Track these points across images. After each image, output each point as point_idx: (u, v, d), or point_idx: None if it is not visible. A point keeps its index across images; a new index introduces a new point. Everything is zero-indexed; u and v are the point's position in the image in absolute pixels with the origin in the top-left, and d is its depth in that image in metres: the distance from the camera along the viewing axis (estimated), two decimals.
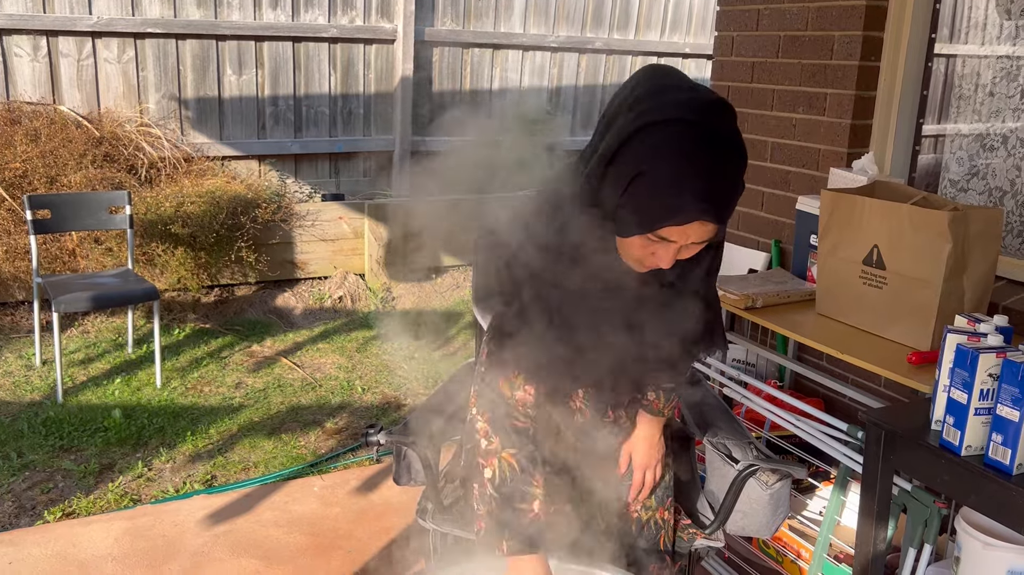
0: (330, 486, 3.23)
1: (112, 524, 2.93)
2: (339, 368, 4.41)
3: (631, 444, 1.77)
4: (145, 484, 3.26)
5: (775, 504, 2.03)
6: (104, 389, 3.98)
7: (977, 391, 1.66)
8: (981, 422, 1.68)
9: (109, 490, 3.17)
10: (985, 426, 1.67)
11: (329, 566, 2.74)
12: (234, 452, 3.50)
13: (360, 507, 3.10)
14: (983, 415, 1.67)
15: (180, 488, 3.23)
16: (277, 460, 3.44)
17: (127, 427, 3.62)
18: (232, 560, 2.75)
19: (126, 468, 3.34)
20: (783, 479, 2.04)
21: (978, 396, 1.67)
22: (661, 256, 1.35)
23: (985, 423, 1.67)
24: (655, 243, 1.33)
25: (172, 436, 3.59)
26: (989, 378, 1.66)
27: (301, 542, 2.87)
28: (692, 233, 1.30)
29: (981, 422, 1.68)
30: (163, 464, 3.40)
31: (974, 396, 1.67)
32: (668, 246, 1.33)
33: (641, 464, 1.77)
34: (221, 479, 3.31)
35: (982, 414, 1.67)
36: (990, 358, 1.66)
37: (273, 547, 2.84)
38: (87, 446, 3.48)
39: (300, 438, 3.63)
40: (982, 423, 1.68)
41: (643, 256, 1.38)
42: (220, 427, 3.70)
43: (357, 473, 3.34)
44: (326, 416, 3.86)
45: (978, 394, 1.67)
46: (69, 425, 3.62)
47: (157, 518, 2.98)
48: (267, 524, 2.97)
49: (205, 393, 4.03)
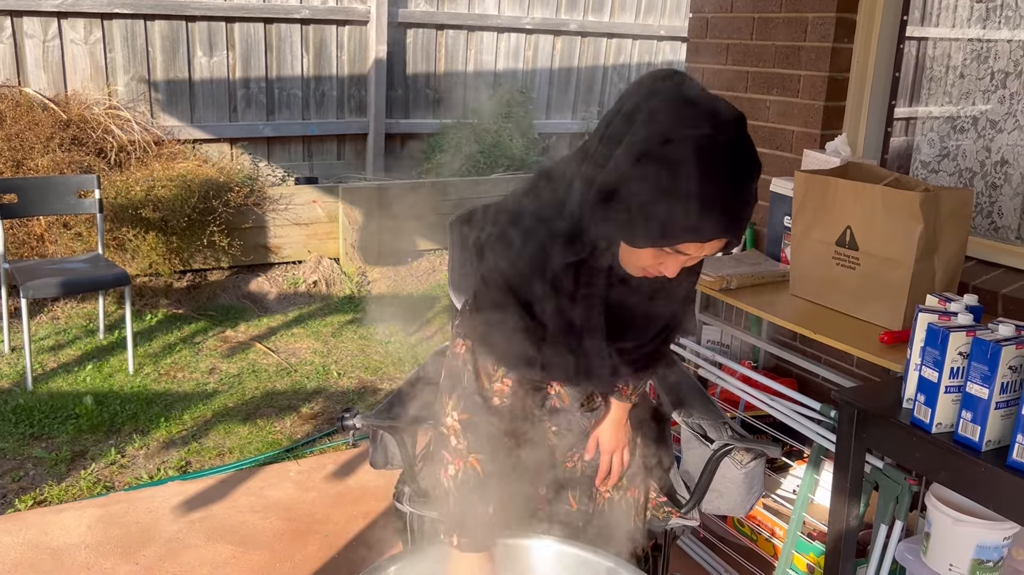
0: (306, 471, 3.22)
1: (85, 511, 2.90)
2: (314, 353, 4.39)
3: (598, 429, 1.78)
4: (118, 471, 3.22)
5: (749, 483, 2.05)
6: (75, 376, 3.93)
7: (948, 369, 1.68)
8: (951, 400, 1.70)
9: (81, 477, 3.14)
10: (955, 404, 1.69)
11: (306, 550, 2.74)
12: (209, 438, 3.47)
13: (337, 491, 3.09)
14: (953, 393, 1.69)
15: (154, 475, 3.20)
16: (252, 446, 3.42)
17: (99, 414, 3.58)
18: (208, 546, 2.74)
19: (99, 455, 3.31)
20: (757, 458, 2.06)
21: (948, 374, 1.69)
22: (669, 266, 1.33)
23: (955, 401, 1.69)
24: (667, 255, 1.31)
25: (145, 422, 3.56)
26: (959, 356, 1.68)
27: (277, 527, 2.86)
28: (709, 247, 1.29)
29: (951, 400, 1.70)
30: (136, 451, 3.36)
31: (944, 374, 1.69)
32: (679, 258, 1.31)
33: (608, 449, 1.77)
34: (196, 465, 3.28)
35: (952, 392, 1.69)
36: (960, 337, 1.68)
37: (249, 532, 2.82)
38: (58, 433, 3.44)
39: (275, 423, 3.61)
40: (952, 401, 1.70)
41: (650, 266, 1.35)
42: (194, 413, 3.67)
43: (333, 457, 3.33)
44: (301, 401, 3.84)
45: (948, 372, 1.69)
46: (40, 412, 3.57)
47: (131, 505, 2.95)
48: (243, 509, 2.95)
49: (178, 379, 3.99)
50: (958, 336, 1.68)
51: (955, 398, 1.69)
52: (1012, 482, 1.56)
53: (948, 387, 1.69)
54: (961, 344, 1.68)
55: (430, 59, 6.65)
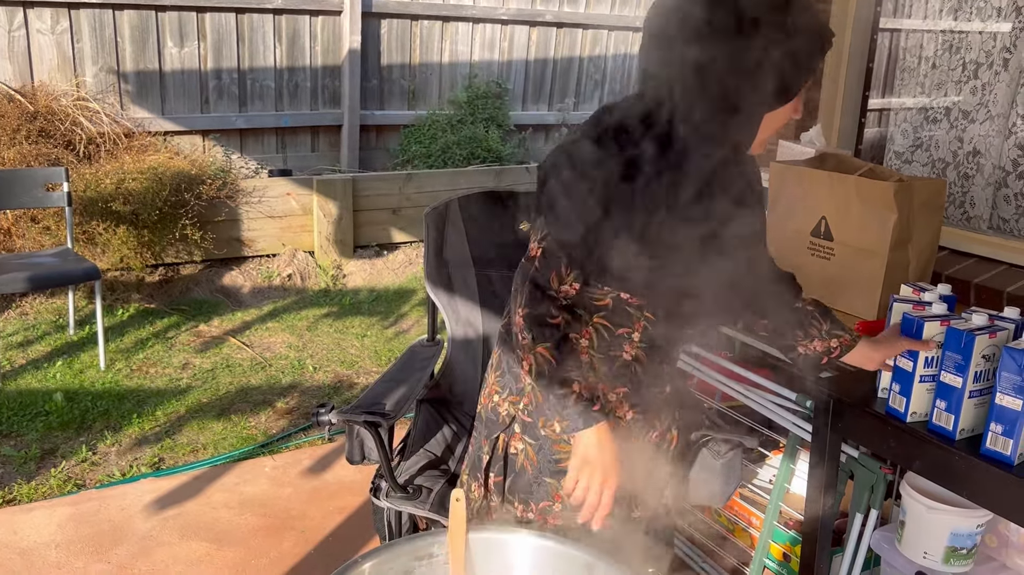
0: (282, 466, 3.19)
1: (55, 510, 2.85)
2: (289, 347, 4.35)
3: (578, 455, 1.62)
4: (90, 469, 3.18)
5: (727, 473, 2.06)
6: (45, 372, 3.87)
7: (922, 359, 1.69)
8: (926, 389, 1.71)
9: (51, 475, 3.09)
10: (930, 393, 1.70)
11: (282, 547, 2.71)
12: (182, 434, 3.43)
13: (313, 487, 3.07)
14: (928, 382, 1.70)
15: (126, 472, 3.16)
16: (227, 441, 3.38)
17: (70, 411, 3.53)
18: (182, 543, 2.71)
19: (69, 453, 3.26)
20: (735, 448, 2.07)
21: (923, 363, 1.69)
22: (798, 107, 1.57)
23: (930, 390, 1.70)
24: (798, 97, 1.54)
25: (117, 419, 3.51)
26: None
27: (253, 523, 2.83)
28: None
29: (926, 389, 1.71)
30: (108, 448, 3.32)
31: (919, 364, 1.70)
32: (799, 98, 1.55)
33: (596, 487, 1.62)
34: (169, 462, 3.24)
35: (927, 381, 1.70)
36: (934, 326, 1.69)
37: (224, 529, 2.79)
38: (27, 431, 3.38)
39: (250, 419, 3.58)
40: (927, 390, 1.71)
41: (783, 123, 1.57)
42: (167, 409, 3.62)
43: (309, 452, 3.30)
44: (276, 396, 3.81)
45: (923, 362, 1.69)
46: (8, 410, 3.51)
47: (102, 503, 2.91)
48: (217, 506, 2.92)
49: (151, 374, 3.94)
50: (932, 326, 1.69)
51: (929, 387, 1.70)
52: (985, 470, 1.57)
53: (923, 376, 1.70)
54: (935, 333, 1.68)
55: (405, 50, 6.60)
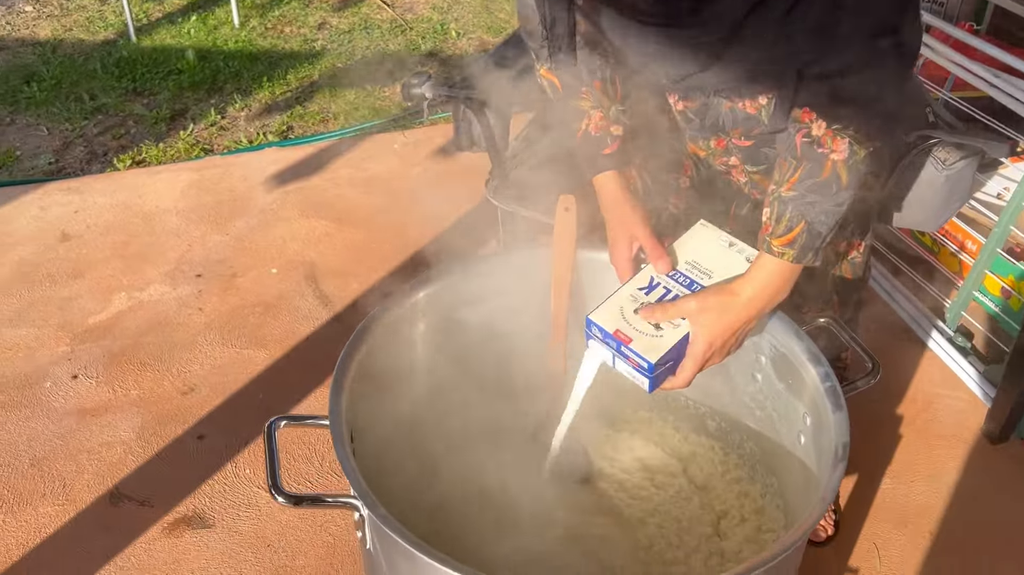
0: (412, 144, 2.88)
1: (180, 175, 2.71)
2: (433, 8, 3.86)
3: (698, 305, 1.11)
4: (218, 133, 3.00)
5: (951, 189, 1.51)
6: (179, 28, 3.62)
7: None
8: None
9: (180, 138, 2.94)
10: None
11: (407, 233, 2.46)
12: (313, 101, 3.16)
13: (442, 169, 2.75)
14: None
15: (253, 139, 2.95)
16: (358, 112, 3.08)
17: (201, 70, 3.30)
18: (301, 220, 2.51)
19: (199, 115, 3.07)
20: (968, 157, 1.50)
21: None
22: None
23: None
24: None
25: (248, 81, 3.26)
26: None
27: (378, 204, 2.59)
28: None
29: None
30: (238, 112, 3.11)
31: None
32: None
33: (696, 354, 1.11)
34: (297, 131, 3.00)
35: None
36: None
37: (346, 207, 2.57)
38: (160, 90, 3.21)
39: (384, 88, 3.23)
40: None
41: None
42: (299, 73, 3.33)
43: (443, 130, 2.94)
44: (415, 63, 3.41)
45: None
46: (142, 66, 3.33)
47: (226, 170, 2.74)
48: (341, 183, 2.68)
49: (285, 34, 3.61)
50: None
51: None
52: None
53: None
54: None
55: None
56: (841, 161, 1.01)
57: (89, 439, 1.84)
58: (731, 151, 1.31)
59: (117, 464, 1.79)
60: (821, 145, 1.02)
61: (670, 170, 1.34)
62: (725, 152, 1.32)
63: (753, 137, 1.26)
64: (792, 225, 1.05)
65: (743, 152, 1.30)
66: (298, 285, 2.27)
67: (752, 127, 1.21)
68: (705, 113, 1.22)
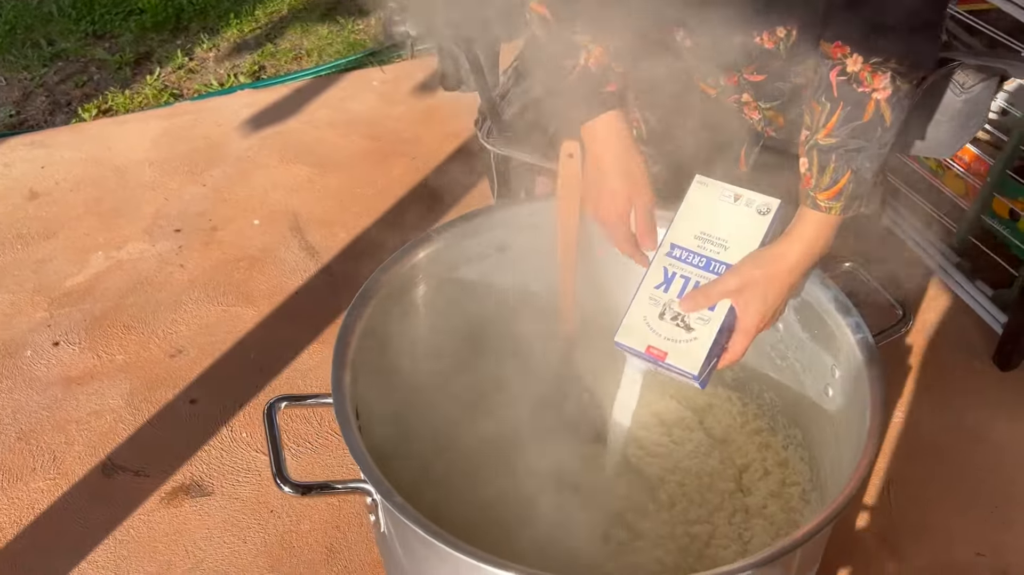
0: (392, 80, 2.75)
1: (149, 123, 2.59)
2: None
3: (740, 280, 1.03)
4: (186, 77, 2.85)
5: (968, 114, 1.44)
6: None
7: None
8: None
9: (147, 83, 2.80)
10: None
11: (390, 175, 2.37)
12: (284, 38, 3.01)
13: (427, 106, 2.63)
14: None
15: (224, 81, 2.81)
16: (332, 47, 2.94)
17: (164, 8, 3.13)
18: (281, 166, 2.41)
19: (165, 58, 2.92)
20: (987, 80, 1.42)
21: None
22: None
23: None
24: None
25: (215, 19, 3.10)
26: None
27: (359, 146, 2.48)
28: None
29: None
30: (205, 53, 2.96)
31: None
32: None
33: (747, 328, 1.05)
34: (270, 71, 2.87)
35: None
36: None
37: (327, 151, 2.46)
38: (121, 31, 3.05)
39: (359, 21, 3.08)
40: None
41: None
42: (268, 7, 3.17)
43: (424, 64, 2.81)
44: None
45: None
46: (100, 6, 3.15)
47: (198, 116, 2.61)
48: (320, 125, 2.57)
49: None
50: None
51: None
52: None
53: None
54: None
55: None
56: (884, 100, 0.92)
57: (77, 409, 1.78)
58: (743, 87, 1.23)
59: (108, 433, 1.73)
60: (860, 83, 0.93)
61: (678, 111, 1.26)
62: (736, 89, 1.23)
63: (766, 71, 1.18)
64: (838, 176, 0.96)
65: (755, 87, 1.22)
66: (282, 236, 2.18)
67: (768, 62, 1.12)
68: (717, 49, 1.13)
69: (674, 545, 1.08)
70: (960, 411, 1.73)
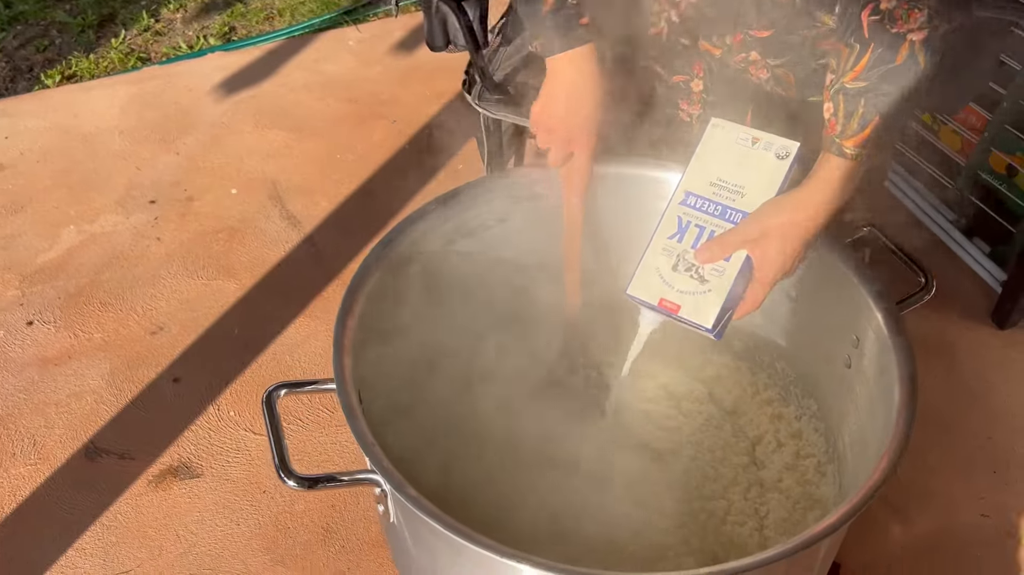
0: (368, 40, 2.66)
1: (117, 89, 2.48)
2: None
3: (759, 229, 0.99)
4: (153, 39, 2.74)
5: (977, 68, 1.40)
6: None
7: None
8: None
9: (113, 47, 2.68)
10: None
11: (370, 139, 2.29)
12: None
13: (406, 66, 2.55)
14: None
15: (194, 44, 2.70)
16: (305, 7, 2.83)
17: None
18: (256, 132, 2.32)
19: (130, 20, 2.80)
20: (997, 34, 1.38)
21: None
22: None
23: None
24: None
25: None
26: None
27: (336, 109, 2.40)
28: None
29: None
30: (172, 14, 2.84)
31: None
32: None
33: (766, 278, 1.01)
34: (241, 32, 2.76)
35: None
36: None
37: (304, 115, 2.38)
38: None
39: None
40: None
41: None
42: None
43: (402, 22, 2.72)
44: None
45: None
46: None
47: (168, 82, 2.51)
48: (296, 88, 2.47)
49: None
50: None
51: None
52: None
53: None
54: None
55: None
56: (920, 41, 0.87)
57: (55, 390, 1.71)
58: (749, 45, 1.17)
59: (89, 415, 1.67)
60: (894, 22, 0.87)
61: (680, 73, 1.20)
62: (743, 47, 1.18)
63: (774, 25, 1.12)
64: (866, 121, 0.91)
65: (763, 44, 1.16)
66: (262, 205, 2.10)
67: (779, 17, 1.06)
68: (723, 5, 1.07)
69: (696, 525, 1.05)
70: (959, 372, 1.71)
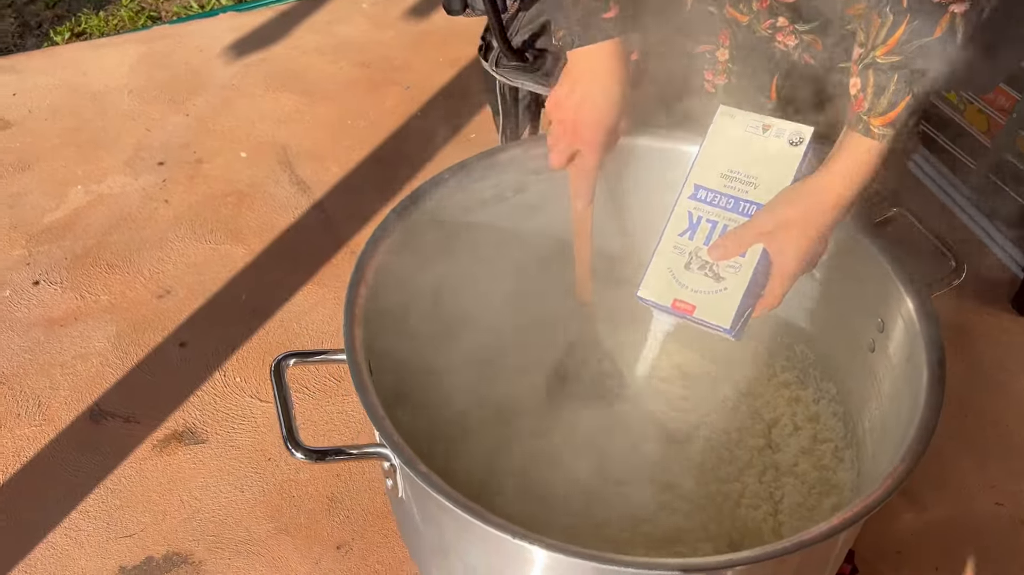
0: (382, 2, 2.60)
1: (127, 48, 2.44)
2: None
3: (774, 220, 0.95)
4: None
5: (1004, 53, 1.35)
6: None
7: None
8: None
9: (123, 5, 2.64)
10: None
11: (383, 105, 2.25)
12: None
13: (420, 31, 2.50)
14: None
15: (205, 3, 2.66)
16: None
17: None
18: (268, 95, 2.28)
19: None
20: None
21: None
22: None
23: None
24: None
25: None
26: None
27: (349, 74, 2.35)
28: None
29: None
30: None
31: None
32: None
33: (785, 273, 0.95)
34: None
35: None
36: None
37: (315, 79, 2.33)
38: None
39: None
40: None
41: None
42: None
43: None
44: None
45: None
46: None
47: (178, 41, 2.47)
48: (308, 51, 2.43)
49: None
50: None
51: None
52: None
53: None
54: None
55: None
56: (962, 14, 0.81)
57: (61, 352, 1.69)
58: (776, 10, 1.13)
59: (94, 378, 1.65)
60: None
61: (706, 43, 1.16)
62: (770, 12, 1.13)
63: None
64: (897, 100, 0.85)
65: (790, 9, 1.12)
66: (271, 170, 2.07)
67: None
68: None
69: (713, 508, 1.03)
70: (977, 358, 1.68)
